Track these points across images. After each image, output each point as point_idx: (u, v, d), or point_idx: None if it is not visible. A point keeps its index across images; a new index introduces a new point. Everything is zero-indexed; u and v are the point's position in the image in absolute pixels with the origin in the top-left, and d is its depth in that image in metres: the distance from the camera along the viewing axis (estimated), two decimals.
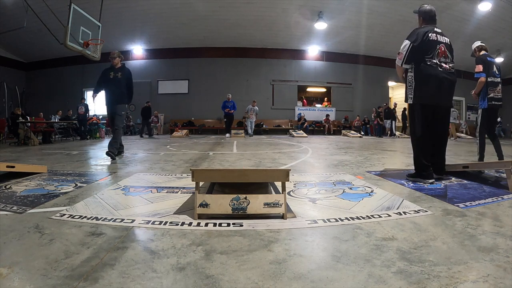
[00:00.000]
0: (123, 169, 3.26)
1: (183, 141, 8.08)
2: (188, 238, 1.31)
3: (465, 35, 11.64)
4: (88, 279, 0.95)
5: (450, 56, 2.58)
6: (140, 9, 10.41)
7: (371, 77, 14.48)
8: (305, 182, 2.55)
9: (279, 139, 9.31)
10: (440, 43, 2.53)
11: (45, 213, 1.64)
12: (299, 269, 1.03)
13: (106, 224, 1.47)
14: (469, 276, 0.97)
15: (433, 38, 2.51)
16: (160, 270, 1.02)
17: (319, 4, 10.49)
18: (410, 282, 0.93)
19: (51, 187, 2.32)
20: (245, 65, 13.99)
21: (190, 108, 13.82)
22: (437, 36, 2.54)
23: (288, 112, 14.32)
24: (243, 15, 11.10)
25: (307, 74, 14.41)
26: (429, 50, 2.48)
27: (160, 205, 1.81)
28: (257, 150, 5.67)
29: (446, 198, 2.01)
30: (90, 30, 6.73)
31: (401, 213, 1.66)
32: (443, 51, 2.52)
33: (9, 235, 1.31)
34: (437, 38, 2.53)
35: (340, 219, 1.57)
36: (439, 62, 2.49)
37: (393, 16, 10.93)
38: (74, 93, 13.43)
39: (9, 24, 8.39)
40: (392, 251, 1.17)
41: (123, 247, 1.21)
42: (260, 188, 2.00)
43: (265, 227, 1.43)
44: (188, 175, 2.76)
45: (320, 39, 13.00)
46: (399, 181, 2.60)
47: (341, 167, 3.44)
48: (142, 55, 13.99)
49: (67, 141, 8.57)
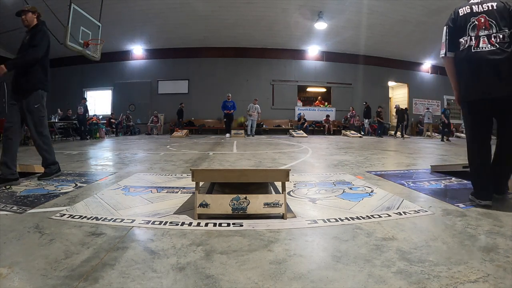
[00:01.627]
0: (123, 169, 3.26)
1: (183, 141, 8.08)
2: (188, 238, 1.31)
3: None
4: (88, 279, 0.95)
5: (498, 25, 1.87)
6: (140, 9, 10.40)
7: (371, 77, 14.47)
8: (305, 182, 2.55)
9: (279, 139, 9.31)
10: (477, 14, 1.91)
11: (45, 213, 1.64)
12: (299, 269, 1.03)
13: (106, 224, 1.47)
14: (469, 276, 0.97)
15: (466, 12, 1.95)
16: (160, 270, 1.02)
17: (319, 4, 10.49)
18: (410, 282, 0.93)
19: (51, 187, 2.32)
20: (245, 65, 13.98)
21: (190, 108, 13.81)
22: (473, 7, 1.94)
23: (288, 112, 14.31)
24: (243, 15, 11.09)
25: (307, 74, 14.40)
26: (463, 29, 1.95)
27: (160, 205, 1.81)
28: (257, 150, 5.67)
29: (446, 198, 2.01)
30: (90, 30, 6.74)
31: (401, 213, 1.66)
32: (482, 22, 1.90)
33: (9, 235, 1.31)
34: (472, 10, 1.94)
35: (340, 219, 1.57)
36: (475, 40, 1.89)
37: (393, 16, 10.93)
38: (74, 93, 13.43)
39: (9, 24, 8.39)
40: (392, 251, 1.17)
41: (123, 247, 1.21)
42: (260, 188, 2.00)
43: (265, 227, 1.43)
44: (188, 175, 2.76)
45: (320, 39, 12.99)
46: (399, 181, 2.60)
47: (341, 167, 3.44)
48: (142, 55, 13.98)
49: (67, 141, 8.57)
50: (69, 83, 14.07)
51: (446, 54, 2.01)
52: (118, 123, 12.22)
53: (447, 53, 2.01)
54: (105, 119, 12.26)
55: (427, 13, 10.62)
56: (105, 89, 14.32)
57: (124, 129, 12.32)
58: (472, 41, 1.89)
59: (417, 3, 10.14)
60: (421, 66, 15.62)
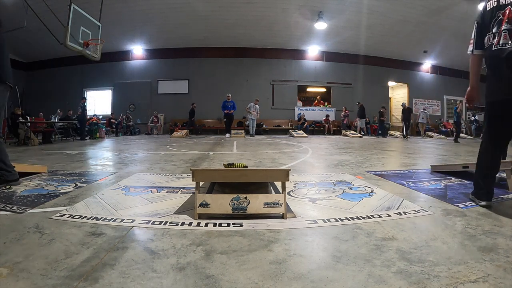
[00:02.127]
0: (123, 169, 3.26)
1: (183, 141, 8.08)
2: (188, 238, 1.31)
3: (465, 35, 11.63)
4: (88, 279, 0.95)
5: None
6: (140, 9, 10.40)
7: (371, 77, 14.48)
8: (305, 182, 2.55)
9: (279, 139, 9.31)
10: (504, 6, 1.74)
11: (45, 213, 1.64)
12: (299, 269, 1.03)
13: (106, 224, 1.47)
14: (469, 276, 0.97)
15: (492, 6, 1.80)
16: (160, 270, 1.02)
17: (319, 4, 10.49)
18: (410, 282, 0.93)
19: (51, 187, 2.32)
20: (245, 65, 13.99)
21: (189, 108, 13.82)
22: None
23: (288, 112, 14.31)
24: (243, 15, 11.09)
25: (307, 74, 14.40)
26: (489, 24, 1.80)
27: (160, 205, 1.81)
28: (257, 150, 5.67)
29: (446, 198, 2.01)
30: (90, 30, 6.75)
31: (401, 213, 1.66)
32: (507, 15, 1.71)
33: (9, 235, 1.31)
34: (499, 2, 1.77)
35: (340, 219, 1.57)
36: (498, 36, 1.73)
37: (393, 16, 10.93)
38: (74, 93, 13.43)
39: (9, 24, 8.40)
40: (392, 251, 1.17)
41: (123, 247, 1.21)
42: (260, 188, 2.00)
43: (265, 227, 1.43)
44: (188, 175, 2.76)
45: (320, 39, 12.99)
46: (399, 181, 2.60)
47: (341, 167, 3.44)
48: (142, 55, 13.98)
49: (67, 141, 8.57)
50: (69, 83, 14.08)
51: (473, 51, 1.89)
52: (118, 123, 12.22)
53: (474, 50, 1.89)
54: (105, 119, 12.26)
55: (427, 13, 10.62)
56: (105, 89, 14.33)
57: (124, 129, 12.32)
58: (495, 38, 1.75)
59: (417, 3, 10.14)
60: (421, 66, 15.62)
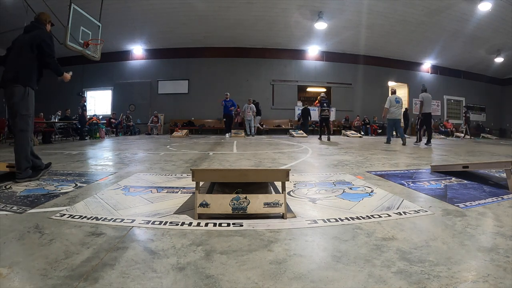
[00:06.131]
0: (123, 169, 3.26)
1: (183, 141, 8.07)
2: (188, 238, 1.31)
3: (465, 35, 11.64)
4: (88, 279, 0.95)
5: None
6: (140, 9, 10.40)
7: (371, 77, 14.47)
8: (305, 182, 2.54)
9: (279, 139, 9.31)
10: None
11: (45, 213, 1.64)
12: (299, 269, 1.03)
13: (106, 224, 1.47)
14: (469, 276, 0.97)
15: None
16: (160, 270, 1.02)
17: (319, 4, 10.49)
18: (410, 282, 0.93)
19: (51, 187, 2.32)
20: (245, 65, 13.98)
21: (190, 108, 13.81)
22: None
23: (288, 112, 14.31)
24: (243, 15, 11.09)
25: (307, 74, 14.40)
26: None
27: (160, 205, 1.81)
28: (257, 150, 5.67)
29: (446, 198, 2.01)
30: (90, 30, 6.74)
31: (401, 213, 1.66)
32: None
33: (9, 235, 1.31)
34: None
35: (340, 219, 1.56)
36: None
37: (393, 16, 10.94)
38: (74, 93, 13.42)
39: (9, 24, 8.40)
40: (392, 251, 1.17)
41: (123, 247, 1.20)
42: (260, 188, 2.00)
43: (265, 227, 1.43)
44: (188, 175, 2.76)
45: (320, 39, 12.99)
46: (399, 181, 2.60)
47: (341, 167, 3.44)
48: (142, 55, 13.97)
49: (67, 141, 8.57)
50: (69, 83, 13.86)
51: None
52: (118, 123, 12.21)
53: None
54: (105, 119, 12.25)
55: (427, 13, 10.62)
56: (105, 89, 14.31)
57: (124, 129, 12.31)
58: None
59: (417, 3, 10.14)
60: (421, 66, 15.61)
